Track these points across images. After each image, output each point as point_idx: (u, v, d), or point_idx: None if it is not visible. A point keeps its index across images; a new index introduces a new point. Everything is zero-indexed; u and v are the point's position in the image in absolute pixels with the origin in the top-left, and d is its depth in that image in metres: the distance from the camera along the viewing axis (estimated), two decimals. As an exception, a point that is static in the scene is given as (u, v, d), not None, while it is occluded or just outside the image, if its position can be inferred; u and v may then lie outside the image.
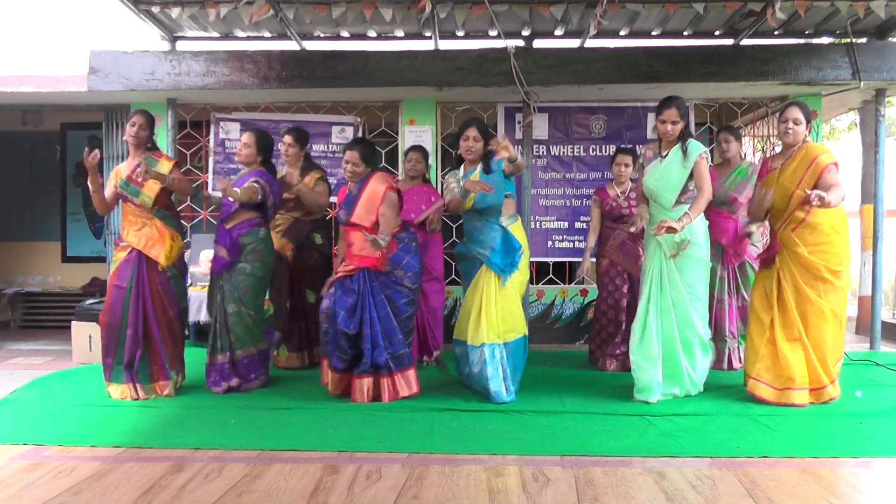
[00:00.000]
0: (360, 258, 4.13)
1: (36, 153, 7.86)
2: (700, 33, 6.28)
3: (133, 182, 4.28)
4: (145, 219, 4.30)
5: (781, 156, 4.16)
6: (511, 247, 4.21)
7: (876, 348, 5.92)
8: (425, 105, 6.19)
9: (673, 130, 4.13)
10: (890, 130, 10.02)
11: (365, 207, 4.13)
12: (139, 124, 4.34)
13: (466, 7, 5.57)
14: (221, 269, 4.40)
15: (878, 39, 5.91)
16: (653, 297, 4.15)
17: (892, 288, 8.82)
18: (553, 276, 6.51)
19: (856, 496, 2.78)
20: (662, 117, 4.15)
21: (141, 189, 4.26)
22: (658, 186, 4.18)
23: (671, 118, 4.12)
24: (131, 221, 4.32)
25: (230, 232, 4.40)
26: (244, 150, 4.53)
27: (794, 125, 4.02)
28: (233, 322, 4.38)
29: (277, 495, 2.76)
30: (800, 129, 4.02)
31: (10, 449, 3.32)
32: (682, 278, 4.12)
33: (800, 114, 4.03)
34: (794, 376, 3.95)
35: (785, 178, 4.03)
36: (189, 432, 3.57)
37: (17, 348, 6.29)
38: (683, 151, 4.13)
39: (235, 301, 4.38)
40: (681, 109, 4.13)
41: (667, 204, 4.16)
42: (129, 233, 4.30)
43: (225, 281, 4.39)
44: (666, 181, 4.15)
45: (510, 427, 3.64)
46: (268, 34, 6.40)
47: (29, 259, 7.94)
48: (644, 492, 2.79)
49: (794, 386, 3.95)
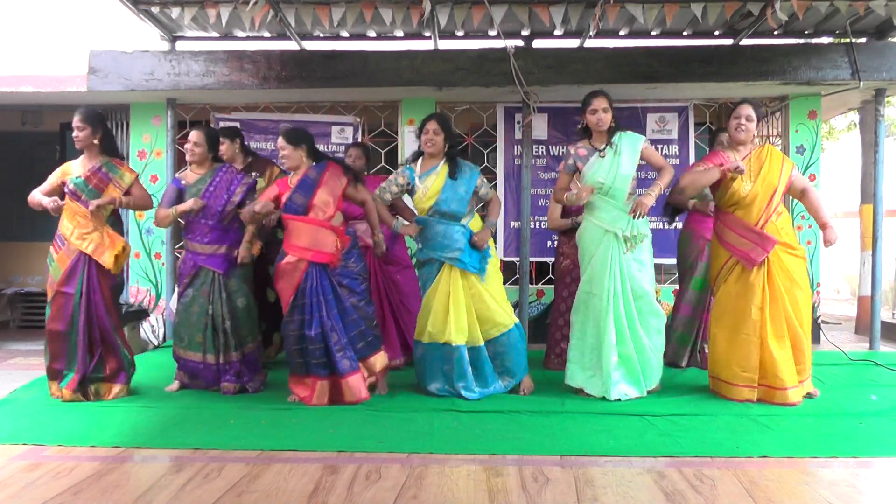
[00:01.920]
0: (314, 252, 4.05)
1: (35, 153, 7.85)
2: (700, 33, 6.29)
3: (94, 185, 4.22)
4: (97, 223, 4.20)
5: (735, 152, 4.14)
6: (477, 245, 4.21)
7: (875, 348, 5.92)
8: (425, 105, 6.19)
9: (605, 118, 4.12)
10: (889, 130, 10.03)
11: (327, 191, 4.08)
12: (75, 126, 4.25)
13: (466, 7, 5.58)
14: (228, 266, 4.36)
15: (878, 39, 5.91)
16: (615, 296, 4.09)
17: (891, 288, 8.83)
18: (553, 276, 6.50)
19: (855, 496, 2.78)
20: (593, 107, 4.14)
21: (101, 194, 4.21)
22: (612, 180, 4.11)
23: (601, 106, 4.12)
24: (80, 223, 4.18)
25: (230, 231, 4.39)
26: (197, 150, 4.42)
27: (747, 122, 4.09)
28: (243, 317, 4.38)
29: (277, 495, 2.75)
30: (752, 126, 4.12)
31: (10, 449, 3.32)
32: (640, 267, 4.14)
33: (752, 111, 4.11)
34: (783, 375, 3.97)
35: (766, 173, 4.06)
36: (189, 432, 3.57)
37: (17, 348, 6.29)
38: (616, 145, 4.13)
39: (245, 294, 4.40)
40: (609, 98, 4.14)
41: (620, 196, 4.12)
42: (76, 234, 4.16)
43: (230, 277, 4.37)
44: (621, 173, 4.11)
45: (510, 427, 3.64)
46: (267, 34, 6.40)
47: (29, 259, 7.93)
48: (644, 492, 2.79)
49: (788, 385, 3.97)
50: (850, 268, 10.09)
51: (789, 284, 4.03)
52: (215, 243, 4.38)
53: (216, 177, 4.43)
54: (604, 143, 4.20)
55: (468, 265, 4.16)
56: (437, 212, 4.22)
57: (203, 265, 4.37)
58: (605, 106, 4.13)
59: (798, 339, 4.05)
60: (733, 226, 4.10)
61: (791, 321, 4.04)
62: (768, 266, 4.03)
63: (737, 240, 4.07)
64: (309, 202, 4.08)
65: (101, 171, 4.26)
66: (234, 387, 4.33)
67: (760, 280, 4.03)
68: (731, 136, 4.17)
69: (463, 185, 4.23)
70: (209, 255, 4.37)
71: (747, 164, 4.08)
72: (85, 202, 4.20)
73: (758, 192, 4.04)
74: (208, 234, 4.37)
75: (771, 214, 4.05)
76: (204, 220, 4.38)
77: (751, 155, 4.12)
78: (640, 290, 4.14)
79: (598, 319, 4.13)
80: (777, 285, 4.02)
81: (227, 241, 4.39)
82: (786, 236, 4.08)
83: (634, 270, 4.13)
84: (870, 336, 6.00)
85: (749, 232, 4.04)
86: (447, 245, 4.18)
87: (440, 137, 4.25)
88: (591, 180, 4.15)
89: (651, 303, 4.19)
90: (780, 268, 4.03)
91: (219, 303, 4.35)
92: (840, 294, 12.10)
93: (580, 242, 4.31)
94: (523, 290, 5.96)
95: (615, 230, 4.09)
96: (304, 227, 4.08)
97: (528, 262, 6.00)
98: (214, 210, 4.38)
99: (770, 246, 4.00)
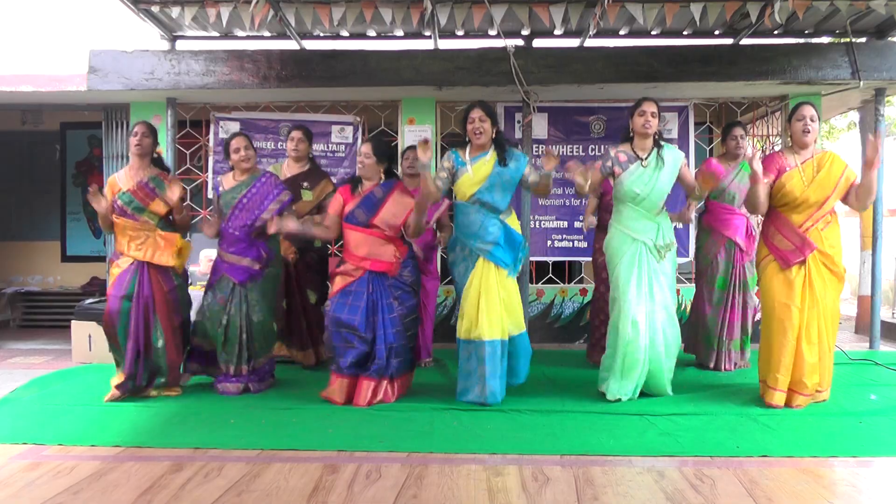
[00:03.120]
0: (373, 262, 4.08)
1: (35, 153, 7.86)
2: (700, 33, 6.28)
3: (138, 198, 4.23)
4: (147, 232, 4.23)
5: (796, 154, 4.06)
6: (514, 241, 4.12)
7: (875, 348, 5.92)
8: (425, 104, 6.19)
9: (653, 123, 4.08)
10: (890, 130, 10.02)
11: (390, 213, 4.09)
12: (141, 133, 4.27)
13: (466, 7, 5.57)
14: (248, 279, 4.32)
15: (878, 39, 5.91)
16: (643, 302, 4.07)
17: (891, 287, 8.82)
18: (553, 276, 6.51)
19: (855, 496, 2.78)
20: (643, 109, 4.10)
21: (147, 207, 4.23)
22: (648, 192, 4.10)
23: (651, 110, 4.08)
24: (132, 237, 4.23)
25: (258, 244, 4.36)
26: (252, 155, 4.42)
27: (811, 122, 4.00)
28: (258, 332, 4.36)
29: (277, 495, 2.75)
30: (816, 127, 4.01)
31: (10, 448, 3.32)
32: (666, 279, 4.14)
33: (815, 112, 4.02)
34: (808, 381, 3.93)
35: (822, 178, 3.97)
36: (189, 432, 3.57)
37: (17, 348, 6.29)
38: (661, 158, 4.10)
39: (264, 310, 4.38)
40: (658, 106, 4.11)
41: (654, 209, 4.13)
42: (131, 248, 4.21)
43: (250, 290, 4.33)
44: (659, 187, 4.11)
45: (510, 426, 3.64)
46: (267, 34, 6.39)
47: (29, 258, 7.93)
48: (644, 491, 2.79)
49: (805, 391, 3.93)
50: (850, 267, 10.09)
51: (823, 295, 3.97)
52: (239, 254, 4.34)
53: (253, 187, 4.39)
54: (645, 151, 4.15)
55: (500, 260, 4.07)
56: (479, 201, 4.09)
57: (225, 273, 4.36)
58: (654, 111, 4.09)
59: (824, 352, 3.99)
60: (780, 226, 4.03)
61: (821, 332, 3.98)
62: (808, 270, 3.96)
63: (780, 240, 4.01)
64: (371, 219, 4.09)
65: (147, 185, 4.26)
66: (236, 388, 4.33)
67: (799, 282, 3.96)
68: (796, 139, 4.06)
69: (510, 173, 4.11)
70: (231, 265, 4.35)
71: (808, 166, 4.00)
72: (133, 216, 4.21)
73: (809, 196, 3.96)
74: (234, 244, 4.36)
75: (818, 220, 3.98)
76: (233, 229, 4.36)
77: (813, 158, 4.04)
78: (664, 301, 4.12)
79: (620, 325, 4.10)
80: (815, 292, 3.96)
81: (251, 255, 4.35)
82: (829, 248, 3.96)
83: (661, 281, 4.12)
84: (870, 335, 6.01)
85: (792, 233, 3.98)
86: (482, 235, 4.06)
87: (487, 124, 4.11)
88: (628, 189, 4.12)
89: (672, 315, 4.17)
90: (819, 277, 3.97)
91: (237, 314, 4.32)
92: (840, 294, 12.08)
93: (607, 250, 4.29)
94: (523, 289, 5.93)
95: (644, 239, 4.08)
96: (364, 238, 4.09)
97: (528, 261, 6.00)
98: (245, 220, 4.35)
99: (808, 250, 3.93)
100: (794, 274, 3.97)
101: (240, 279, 4.31)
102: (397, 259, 4.09)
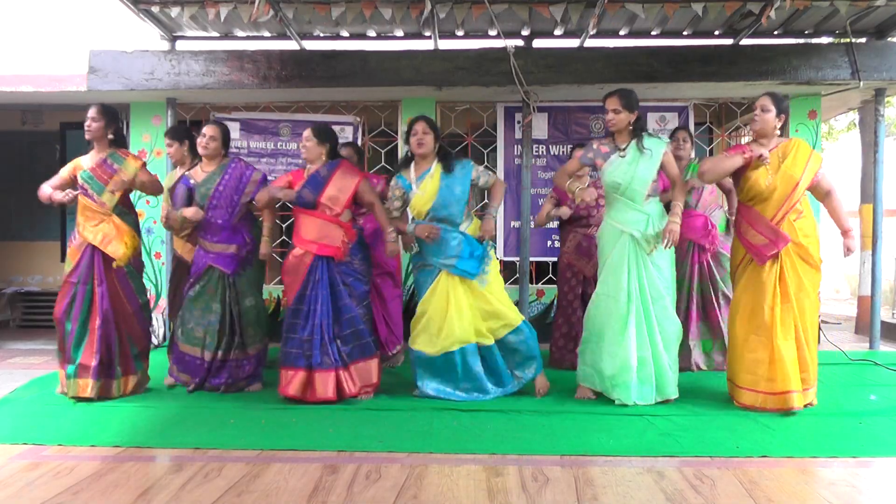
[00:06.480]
0: (320, 246, 4.10)
1: (35, 153, 7.86)
2: (700, 33, 6.29)
3: (98, 178, 4.26)
4: (103, 214, 4.25)
5: (760, 145, 4.02)
6: (475, 250, 4.16)
7: (875, 348, 5.92)
8: (425, 105, 6.19)
9: (616, 119, 4.08)
10: (889, 130, 10.03)
11: (336, 188, 4.13)
12: (90, 118, 4.29)
13: (466, 7, 5.57)
14: (236, 267, 4.36)
15: (878, 39, 5.91)
16: (630, 298, 4.05)
17: (891, 288, 8.83)
18: (553, 276, 6.51)
19: (855, 496, 2.78)
20: (605, 107, 4.13)
21: (105, 186, 4.25)
22: (629, 181, 4.08)
23: (611, 107, 4.10)
24: (88, 217, 4.25)
25: (241, 231, 4.41)
26: (212, 144, 4.42)
27: (762, 112, 3.98)
28: (250, 317, 4.39)
29: (277, 495, 2.75)
30: (768, 117, 3.97)
31: (10, 448, 3.32)
32: (658, 272, 4.10)
33: (768, 102, 3.98)
34: (792, 379, 3.83)
35: (788, 166, 3.94)
36: (189, 432, 3.57)
37: (17, 348, 6.29)
38: (640, 148, 4.08)
39: (254, 295, 4.43)
40: (624, 100, 4.09)
41: (638, 198, 4.10)
42: (86, 228, 4.23)
43: (238, 276, 4.37)
44: (639, 176, 4.08)
45: (510, 427, 3.64)
46: (267, 34, 6.40)
47: (28, 259, 7.93)
48: (643, 491, 2.79)
49: (792, 388, 3.82)
50: (850, 267, 10.11)
51: (798, 290, 3.91)
52: (224, 242, 4.38)
53: (225, 174, 4.43)
54: (626, 142, 4.16)
55: (466, 272, 4.12)
56: (435, 217, 4.18)
57: (212, 264, 4.37)
58: (615, 107, 4.09)
59: (802, 346, 3.93)
60: (752, 220, 3.99)
61: (797, 327, 3.92)
62: (781, 266, 3.91)
63: (753, 235, 3.97)
64: (318, 198, 4.13)
65: (105, 162, 4.28)
66: (221, 386, 4.34)
67: (772, 279, 3.91)
68: (751, 127, 4.15)
69: (458, 182, 4.19)
70: (218, 255, 4.37)
71: (772, 156, 3.97)
72: (92, 195, 4.25)
73: (776, 186, 3.91)
74: (218, 232, 4.38)
75: (789, 211, 3.92)
76: (214, 219, 4.38)
77: (777, 147, 4.01)
78: (657, 294, 4.09)
79: (613, 321, 4.07)
80: (788, 287, 3.90)
81: (237, 241, 4.38)
82: (804, 238, 3.93)
83: (652, 273, 4.08)
84: (870, 336, 6.01)
85: (765, 227, 3.93)
86: (443, 251, 4.14)
87: (429, 136, 4.23)
88: (609, 180, 4.13)
89: (667, 308, 4.12)
90: (793, 271, 3.91)
91: (226, 303, 4.35)
92: (840, 294, 12.11)
93: (599, 243, 4.30)
94: (523, 289, 5.96)
95: (631, 231, 4.06)
96: (312, 221, 4.14)
97: (528, 261, 6.00)
98: (225, 208, 4.38)
99: (782, 243, 3.88)
100: (767, 271, 3.93)
101: (231, 268, 4.35)
102: (345, 244, 4.13)
